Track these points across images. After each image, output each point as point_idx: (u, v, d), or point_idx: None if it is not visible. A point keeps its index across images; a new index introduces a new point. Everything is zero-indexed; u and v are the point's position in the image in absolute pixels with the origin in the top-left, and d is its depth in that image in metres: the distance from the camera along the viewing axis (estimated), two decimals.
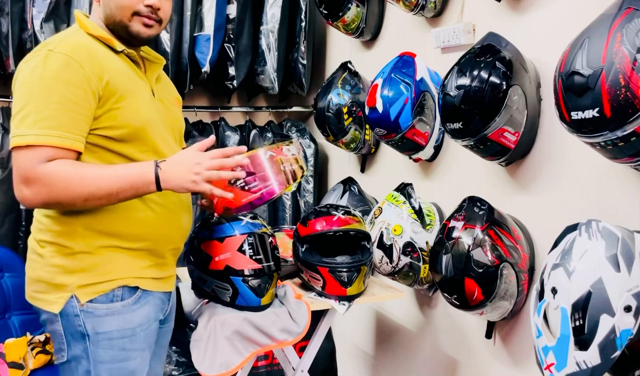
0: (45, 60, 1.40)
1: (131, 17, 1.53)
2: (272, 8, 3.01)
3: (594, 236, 1.29)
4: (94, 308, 1.49)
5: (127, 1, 1.51)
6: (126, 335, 1.52)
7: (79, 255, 1.48)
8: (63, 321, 1.49)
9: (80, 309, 1.48)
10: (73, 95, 1.40)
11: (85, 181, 1.39)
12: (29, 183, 1.37)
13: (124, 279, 1.51)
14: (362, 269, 2.02)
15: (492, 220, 1.75)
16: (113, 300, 1.50)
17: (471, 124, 1.69)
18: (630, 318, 1.22)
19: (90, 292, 1.48)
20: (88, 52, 1.46)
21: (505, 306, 1.79)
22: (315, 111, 2.69)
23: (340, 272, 1.99)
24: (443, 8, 2.22)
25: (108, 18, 1.54)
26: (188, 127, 3.01)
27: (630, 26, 1.23)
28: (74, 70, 1.41)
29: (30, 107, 1.38)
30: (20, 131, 1.37)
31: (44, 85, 1.39)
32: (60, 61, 1.40)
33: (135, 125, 1.50)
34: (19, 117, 1.39)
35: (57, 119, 1.38)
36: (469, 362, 2.16)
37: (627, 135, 1.26)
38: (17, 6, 2.60)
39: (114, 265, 1.50)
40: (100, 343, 1.50)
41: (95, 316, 1.49)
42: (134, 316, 1.53)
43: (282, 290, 2.04)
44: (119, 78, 1.49)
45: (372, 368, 2.85)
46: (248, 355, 1.89)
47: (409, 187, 2.18)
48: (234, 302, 1.88)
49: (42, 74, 1.39)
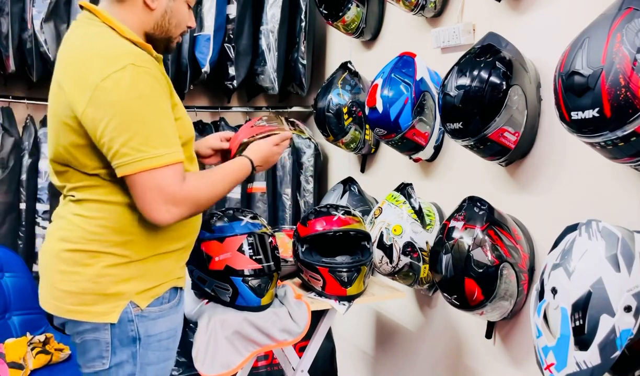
0: (135, 76, 1.35)
1: (178, 35, 1.57)
2: (272, 8, 3.01)
3: (594, 236, 1.29)
4: (149, 312, 1.48)
5: (184, 23, 1.55)
6: (171, 335, 1.55)
7: (134, 263, 1.46)
8: (114, 330, 1.45)
9: (135, 314, 1.46)
10: (167, 109, 1.41)
11: (215, 189, 1.50)
12: (178, 203, 1.38)
13: (172, 281, 1.54)
14: (362, 269, 2.02)
15: (492, 220, 1.75)
16: (162, 303, 1.51)
17: (471, 124, 1.69)
18: (630, 318, 1.22)
19: (148, 297, 1.48)
20: (152, 63, 1.43)
21: (505, 306, 1.79)
22: (315, 111, 2.69)
23: (340, 272, 1.99)
24: (443, 8, 2.22)
25: (158, 28, 1.50)
26: None
27: (630, 26, 1.23)
28: (159, 84, 1.40)
29: (146, 127, 1.35)
30: (152, 153, 1.34)
31: (148, 103, 1.36)
32: (147, 75, 1.37)
33: (188, 135, 1.54)
34: (137, 140, 1.33)
35: (166, 136, 1.38)
36: (469, 362, 2.16)
37: (627, 135, 1.26)
38: (17, 6, 2.61)
39: (163, 268, 1.52)
40: (151, 345, 1.49)
41: (150, 319, 1.48)
42: (177, 316, 1.58)
43: (282, 290, 2.04)
44: (170, 87, 1.49)
45: (372, 368, 2.85)
46: (248, 355, 1.89)
47: (409, 187, 2.18)
48: (234, 302, 1.88)
49: (141, 92, 1.35)
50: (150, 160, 1.34)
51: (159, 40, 1.52)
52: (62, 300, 1.46)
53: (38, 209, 2.73)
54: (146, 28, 1.49)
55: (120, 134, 1.33)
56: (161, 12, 1.49)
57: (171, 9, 1.49)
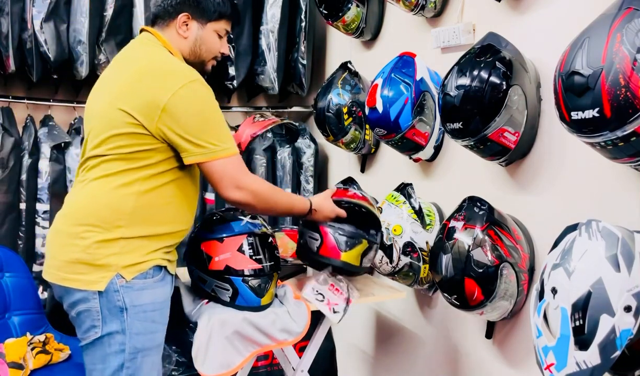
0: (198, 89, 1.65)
1: (211, 59, 1.85)
2: (272, 8, 3.01)
3: (594, 236, 1.29)
4: (134, 283, 1.65)
5: (215, 49, 1.84)
6: (156, 308, 1.70)
7: (124, 240, 1.65)
8: (102, 299, 1.63)
9: (120, 285, 1.63)
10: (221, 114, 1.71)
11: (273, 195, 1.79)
12: (241, 188, 1.68)
13: (156, 260, 1.70)
14: (363, 242, 2.00)
15: (492, 220, 1.75)
16: (147, 277, 1.67)
17: (471, 124, 1.69)
18: (630, 318, 1.22)
19: (133, 271, 1.65)
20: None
21: (505, 306, 1.79)
22: (315, 111, 2.69)
23: (341, 234, 1.98)
24: (443, 8, 2.22)
25: (192, 54, 1.79)
26: None
27: (630, 26, 1.23)
28: (212, 95, 1.70)
29: (215, 127, 1.66)
30: (226, 145, 1.66)
31: (211, 108, 1.67)
32: (205, 89, 1.67)
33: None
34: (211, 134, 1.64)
35: (229, 133, 1.71)
36: (469, 362, 2.16)
37: (627, 135, 1.26)
38: (17, 6, 2.60)
39: (149, 248, 1.68)
40: (137, 315, 1.65)
41: (134, 290, 1.65)
42: (162, 291, 1.72)
43: (282, 290, 2.04)
44: None
45: (372, 368, 2.85)
46: (248, 355, 1.89)
47: (409, 187, 2.18)
48: (234, 302, 1.88)
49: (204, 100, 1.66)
50: (226, 150, 1.66)
51: (194, 63, 1.79)
52: (60, 268, 1.67)
53: (38, 209, 2.72)
54: (183, 53, 1.78)
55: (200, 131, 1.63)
56: (192, 40, 1.78)
57: (201, 37, 1.79)
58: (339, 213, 1.95)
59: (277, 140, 3.12)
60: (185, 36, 1.77)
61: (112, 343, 1.64)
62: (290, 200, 1.91)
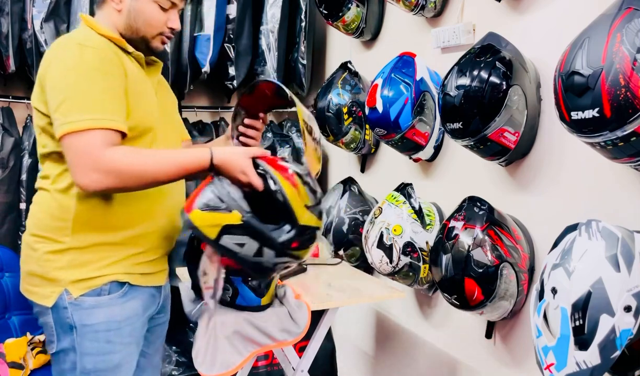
0: (79, 53, 1.44)
1: (155, 35, 1.61)
2: (272, 8, 3.02)
3: (594, 236, 1.29)
4: (82, 300, 1.51)
5: (157, 23, 1.59)
6: (112, 328, 1.54)
7: (72, 250, 1.51)
8: (54, 314, 1.53)
9: (69, 302, 1.51)
10: (112, 83, 1.46)
11: (147, 167, 1.44)
12: (100, 170, 1.39)
13: (115, 275, 1.54)
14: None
15: (492, 220, 1.75)
16: (101, 294, 1.52)
17: (471, 124, 1.69)
18: (630, 318, 1.22)
19: (83, 287, 1.51)
20: (111, 49, 1.52)
21: (505, 306, 1.79)
22: (315, 111, 2.69)
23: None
24: (443, 8, 2.22)
25: (129, 29, 1.58)
26: (188, 127, 3.01)
27: (630, 26, 1.23)
28: (108, 63, 1.47)
29: (76, 96, 1.42)
30: (73, 118, 1.40)
31: (85, 76, 1.43)
32: (94, 54, 1.46)
33: (144, 125, 1.54)
34: (65, 106, 1.41)
35: (104, 105, 1.43)
36: (469, 362, 2.16)
37: (627, 135, 1.26)
38: (17, 6, 2.60)
39: (106, 261, 1.53)
40: (87, 335, 1.52)
41: (83, 308, 1.51)
42: (122, 310, 1.55)
43: (282, 290, 2.04)
44: (133, 76, 1.54)
45: (372, 368, 2.85)
46: (248, 355, 1.89)
47: (409, 187, 2.18)
48: (234, 302, 1.88)
49: (80, 66, 1.43)
50: (71, 124, 1.39)
51: (136, 41, 1.60)
52: (22, 279, 1.60)
53: None
54: (119, 29, 1.58)
55: (58, 103, 1.42)
56: (126, 13, 1.57)
57: (134, 9, 1.57)
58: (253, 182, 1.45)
59: (277, 140, 3.12)
60: (119, 9, 1.57)
61: (65, 360, 1.55)
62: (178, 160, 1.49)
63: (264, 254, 1.48)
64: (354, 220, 2.57)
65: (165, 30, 1.62)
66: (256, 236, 1.45)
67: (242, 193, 1.47)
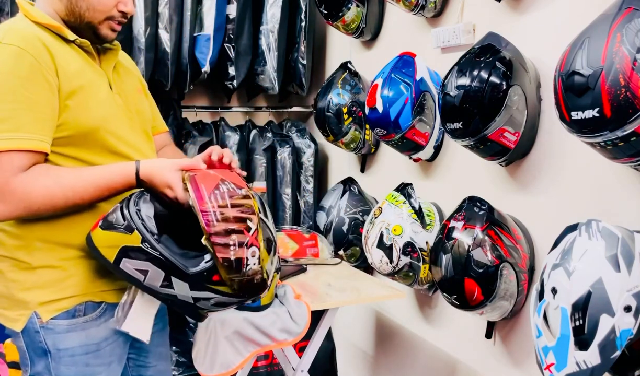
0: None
1: (103, 20, 1.43)
2: (272, 8, 3.01)
3: (594, 236, 1.29)
4: (55, 324, 1.39)
5: (103, 6, 1.41)
6: (90, 350, 1.43)
7: (38, 270, 1.38)
8: (25, 338, 1.41)
9: (41, 326, 1.39)
10: (30, 92, 1.28)
11: (65, 189, 1.30)
12: (4, 198, 1.25)
13: (88, 294, 1.42)
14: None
15: (492, 220, 1.75)
16: (75, 316, 1.41)
17: (471, 124, 1.69)
18: (630, 318, 1.22)
19: (52, 309, 1.39)
20: (41, 43, 1.33)
21: (505, 306, 1.79)
22: (315, 111, 2.69)
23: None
24: (443, 8, 2.22)
25: (71, 14, 1.41)
26: (188, 127, 3.01)
27: (630, 26, 1.23)
28: (28, 64, 1.28)
29: None
30: None
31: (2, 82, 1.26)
32: (12, 54, 1.27)
33: (85, 125, 1.38)
34: None
35: (20, 119, 1.25)
36: (469, 362, 2.16)
37: (627, 135, 1.26)
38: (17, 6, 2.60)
39: (77, 279, 1.41)
40: (62, 359, 1.41)
41: (56, 333, 1.40)
42: (98, 331, 1.44)
43: (282, 290, 2.04)
44: (71, 71, 1.37)
45: (372, 368, 2.85)
46: (248, 355, 1.89)
47: (409, 187, 2.18)
48: None
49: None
50: None
51: (81, 28, 1.43)
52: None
53: None
54: (61, 14, 1.42)
55: None
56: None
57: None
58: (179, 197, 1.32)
59: (277, 140, 3.12)
60: None
61: None
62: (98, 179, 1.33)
63: (175, 286, 1.26)
64: (354, 220, 2.57)
65: (115, 14, 1.43)
66: (160, 263, 1.25)
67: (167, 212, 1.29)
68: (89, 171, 1.35)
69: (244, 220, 1.23)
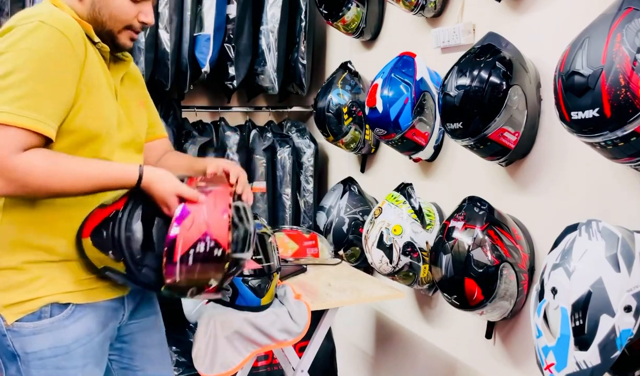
0: (36, 31, 1.27)
1: (122, 29, 1.45)
2: (272, 8, 3.01)
3: (594, 236, 1.29)
4: (20, 327, 1.36)
5: (124, 16, 1.43)
6: (59, 353, 1.39)
7: (4, 271, 1.36)
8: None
9: (7, 329, 1.36)
10: (60, 77, 1.29)
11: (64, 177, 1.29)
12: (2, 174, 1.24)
13: (54, 295, 1.38)
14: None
15: (492, 220, 1.75)
16: (41, 318, 1.37)
17: (471, 124, 1.69)
18: (630, 318, 1.22)
19: (17, 312, 1.36)
20: (78, 32, 1.34)
21: (505, 306, 1.79)
22: (315, 111, 2.69)
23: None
24: (443, 8, 2.22)
25: (93, 21, 1.42)
26: (188, 127, 3.01)
27: (630, 26, 1.23)
28: (65, 49, 1.29)
29: (12, 79, 1.24)
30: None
31: (33, 58, 1.26)
32: (53, 36, 1.28)
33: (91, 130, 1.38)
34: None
35: (38, 99, 1.25)
36: (469, 362, 2.16)
37: (627, 135, 1.26)
38: (17, 6, 2.60)
39: (43, 281, 1.37)
40: (32, 363, 1.37)
41: (22, 335, 1.36)
42: (67, 332, 1.39)
43: (282, 290, 2.04)
44: (94, 70, 1.38)
45: (372, 368, 2.85)
46: (248, 355, 1.89)
47: (409, 187, 2.18)
48: (234, 302, 1.88)
49: (31, 46, 1.26)
50: None
51: (100, 34, 1.43)
52: None
53: None
54: (83, 18, 1.42)
55: None
56: (90, 3, 1.41)
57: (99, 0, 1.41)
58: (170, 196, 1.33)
59: (277, 140, 3.12)
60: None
61: None
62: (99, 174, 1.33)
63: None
64: (354, 220, 2.57)
65: (135, 24, 1.45)
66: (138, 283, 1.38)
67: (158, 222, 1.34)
68: (91, 165, 1.35)
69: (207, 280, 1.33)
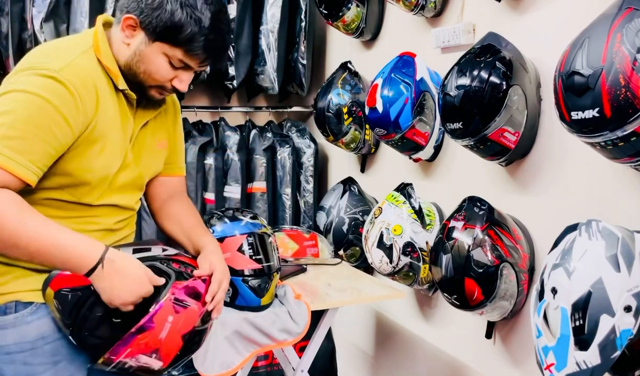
0: (46, 82, 1.30)
1: (154, 86, 1.47)
2: (272, 8, 3.01)
3: (594, 236, 1.29)
4: None
5: (159, 76, 1.43)
6: (24, 349, 1.40)
7: None
8: None
9: None
10: (58, 127, 1.31)
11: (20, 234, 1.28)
12: None
13: (18, 293, 1.40)
14: None
15: (492, 220, 1.75)
16: (6, 313, 1.40)
17: (471, 124, 1.69)
18: (630, 318, 1.22)
19: None
20: (94, 88, 1.37)
21: (505, 306, 1.79)
22: (315, 111, 2.69)
23: None
24: (443, 8, 2.22)
25: (128, 68, 1.44)
26: (188, 127, 3.01)
27: (630, 26, 1.23)
28: (71, 105, 1.32)
29: (6, 118, 1.26)
30: None
31: (34, 103, 1.28)
32: (62, 90, 1.31)
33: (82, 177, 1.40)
34: None
35: (28, 144, 1.27)
36: (469, 362, 2.16)
37: (627, 135, 1.26)
38: (17, 6, 2.60)
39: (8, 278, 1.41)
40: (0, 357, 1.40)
41: None
42: (30, 329, 1.41)
43: (282, 290, 2.04)
44: (107, 118, 1.41)
45: (372, 368, 2.85)
46: (248, 355, 1.89)
47: (409, 187, 2.18)
48: (234, 302, 1.88)
49: (37, 91, 1.29)
50: None
51: (131, 83, 1.46)
52: None
53: None
54: (120, 61, 1.44)
55: None
56: (132, 52, 1.42)
57: (140, 53, 1.41)
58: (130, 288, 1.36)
59: (277, 140, 3.12)
60: (128, 43, 1.42)
61: None
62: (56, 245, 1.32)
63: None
64: (354, 220, 2.57)
65: (167, 86, 1.46)
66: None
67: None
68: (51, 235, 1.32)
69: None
